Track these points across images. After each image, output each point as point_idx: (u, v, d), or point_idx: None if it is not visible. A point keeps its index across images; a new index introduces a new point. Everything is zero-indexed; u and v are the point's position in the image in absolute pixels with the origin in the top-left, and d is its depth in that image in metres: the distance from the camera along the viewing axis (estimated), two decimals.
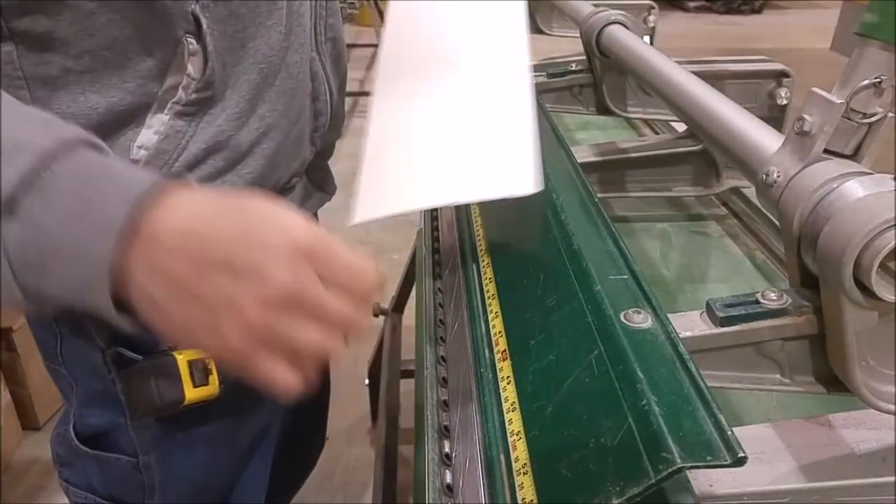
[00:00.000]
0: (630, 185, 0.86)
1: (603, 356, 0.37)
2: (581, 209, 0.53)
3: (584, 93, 0.98)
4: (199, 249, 0.33)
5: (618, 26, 0.87)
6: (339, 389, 1.77)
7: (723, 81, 0.79)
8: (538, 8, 1.33)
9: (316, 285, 0.34)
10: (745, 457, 0.29)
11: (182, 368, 0.54)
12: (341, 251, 0.36)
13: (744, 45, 5.18)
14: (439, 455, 0.41)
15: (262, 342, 0.34)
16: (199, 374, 0.55)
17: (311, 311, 0.34)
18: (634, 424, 0.32)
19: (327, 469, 1.54)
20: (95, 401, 0.61)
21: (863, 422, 0.44)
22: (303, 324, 0.34)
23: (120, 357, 0.56)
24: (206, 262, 0.33)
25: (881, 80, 0.41)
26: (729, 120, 0.54)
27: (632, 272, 0.44)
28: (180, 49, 0.49)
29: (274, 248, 0.33)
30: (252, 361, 0.34)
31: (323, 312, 0.34)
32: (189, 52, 0.49)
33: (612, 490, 0.30)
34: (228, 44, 0.51)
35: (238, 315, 0.33)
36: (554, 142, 0.67)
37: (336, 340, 0.35)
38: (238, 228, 0.34)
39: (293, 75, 0.58)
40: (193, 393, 0.54)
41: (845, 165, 0.42)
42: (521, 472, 0.35)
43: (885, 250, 0.35)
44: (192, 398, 0.54)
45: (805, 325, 0.42)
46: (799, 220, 0.42)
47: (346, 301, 0.35)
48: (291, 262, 0.33)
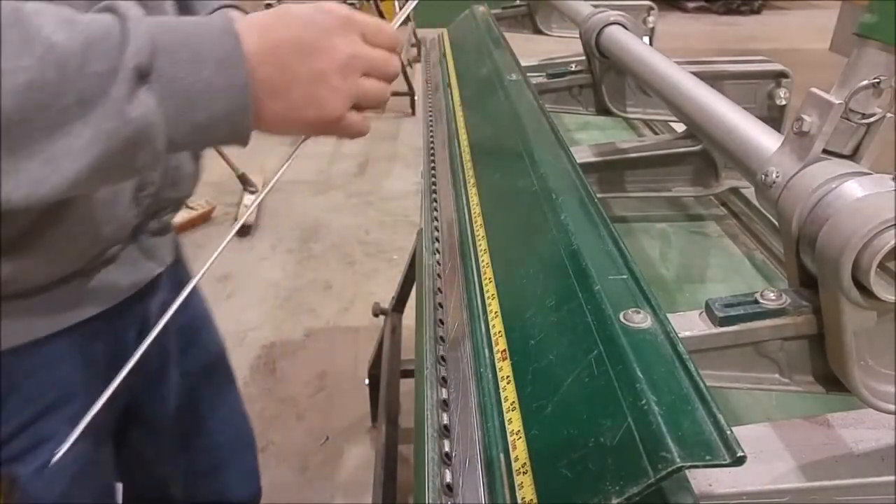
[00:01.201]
0: (629, 185, 0.86)
1: (602, 356, 0.37)
2: (580, 209, 0.53)
3: (583, 93, 0.98)
4: (282, 53, 0.44)
5: (617, 27, 0.87)
6: (338, 390, 1.77)
7: (722, 82, 0.79)
8: (538, 9, 1.34)
9: (363, 46, 0.46)
10: (744, 456, 0.29)
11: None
12: (369, 18, 0.47)
13: (743, 46, 5.18)
14: (439, 454, 0.41)
15: (347, 100, 0.46)
16: None
17: (368, 64, 0.47)
18: (634, 424, 0.32)
19: (327, 469, 1.54)
20: None
21: (861, 421, 0.44)
22: (365, 78, 0.47)
23: None
24: (291, 57, 0.44)
25: (880, 81, 0.41)
26: (728, 120, 0.54)
27: (631, 272, 0.44)
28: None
29: (327, 28, 0.45)
30: (345, 119, 0.47)
31: (374, 63, 0.47)
32: None
33: (611, 489, 0.30)
34: None
35: (327, 83, 0.45)
36: (553, 142, 0.67)
37: (387, 87, 0.49)
38: (296, 25, 0.44)
39: None
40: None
41: (844, 166, 0.42)
42: (521, 472, 0.35)
43: (884, 250, 0.35)
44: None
45: (804, 325, 0.42)
46: (798, 220, 0.42)
47: (384, 52, 0.48)
48: (343, 33, 0.45)
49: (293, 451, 1.59)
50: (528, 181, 0.60)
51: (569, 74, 0.98)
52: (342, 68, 0.45)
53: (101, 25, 0.39)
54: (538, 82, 0.96)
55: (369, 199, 2.84)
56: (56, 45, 0.36)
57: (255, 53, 0.42)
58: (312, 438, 1.63)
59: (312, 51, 0.44)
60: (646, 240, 0.87)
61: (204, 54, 0.41)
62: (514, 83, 0.85)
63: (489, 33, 1.13)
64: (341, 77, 0.45)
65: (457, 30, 1.29)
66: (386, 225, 2.66)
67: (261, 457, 0.94)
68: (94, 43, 0.38)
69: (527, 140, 0.67)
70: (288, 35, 0.44)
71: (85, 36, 0.37)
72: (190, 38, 0.41)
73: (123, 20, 0.39)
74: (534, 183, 0.59)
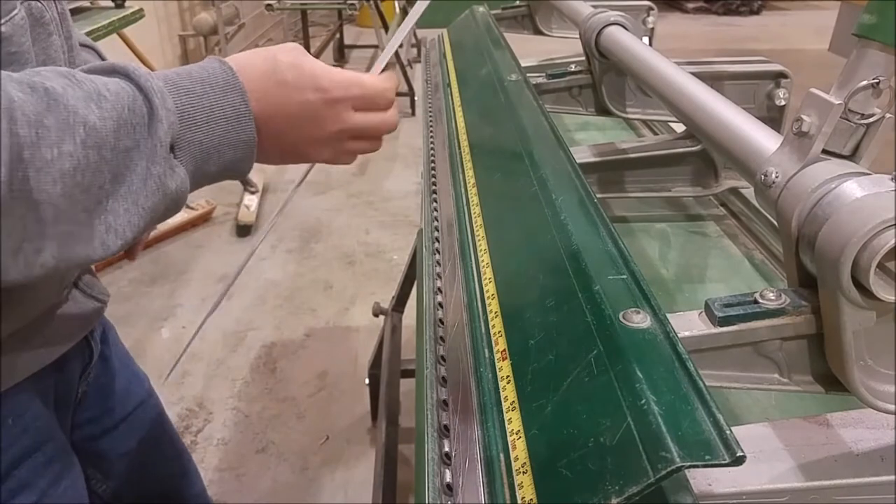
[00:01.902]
0: (629, 185, 0.86)
1: (602, 356, 0.37)
2: (580, 209, 0.53)
3: (583, 94, 0.98)
4: (277, 123, 0.48)
5: (617, 27, 0.87)
6: (338, 389, 1.77)
7: (721, 82, 0.80)
8: (537, 9, 1.34)
9: (354, 116, 0.51)
10: (743, 456, 0.29)
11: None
12: (359, 89, 0.51)
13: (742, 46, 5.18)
14: (439, 454, 0.41)
15: (337, 158, 0.54)
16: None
17: (358, 133, 0.52)
18: (633, 424, 0.32)
19: (327, 469, 1.55)
20: None
21: (861, 421, 0.44)
22: (355, 141, 0.53)
23: None
24: (285, 127, 0.49)
25: (879, 81, 0.41)
26: (727, 120, 0.54)
27: (631, 272, 0.44)
28: None
29: (318, 111, 0.50)
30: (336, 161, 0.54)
31: (365, 130, 0.52)
32: None
33: (611, 489, 0.30)
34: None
35: (317, 150, 0.52)
36: (553, 142, 0.67)
37: (378, 142, 0.55)
38: (291, 103, 0.49)
39: None
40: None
41: (843, 166, 0.42)
42: (521, 472, 0.35)
43: (884, 250, 0.35)
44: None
45: (803, 325, 0.42)
46: (797, 220, 0.42)
47: (377, 116, 0.53)
48: (334, 113, 0.50)
49: (293, 451, 1.59)
50: (527, 181, 0.60)
51: (568, 75, 0.98)
52: (331, 140, 0.51)
53: (125, 100, 0.40)
54: (538, 83, 0.96)
55: (369, 200, 2.84)
56: (93, 127, 0.37)
57: (254, 113, 0.47)
58: (312, 438, 1.63)
59: (304, 125, 0.50)
60: (645, 240, 0.87)
61: (216, 113, 0.45)
62: (513, 83, 0.85)
63: (489, 34, 1.13)
64: (330, 147, 0.52)
65: (457, 30, 1.29)
66: (386, 225, 2.66)
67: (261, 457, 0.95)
68: (124, 121, 0.40)
69: (526, 140, 0.67)
70: (282, 112, 0.49)
71: (116, 113, 0.39)
72: (203, 100, 0.44)
73: (147, 93, 0.41)
74: (533, 183, 0.59)
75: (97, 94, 0.38)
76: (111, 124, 0.38)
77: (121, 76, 0.42)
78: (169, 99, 0.42)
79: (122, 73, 0.42)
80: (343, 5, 3.37)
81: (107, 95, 0.39)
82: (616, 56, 0.83)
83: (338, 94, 0.50)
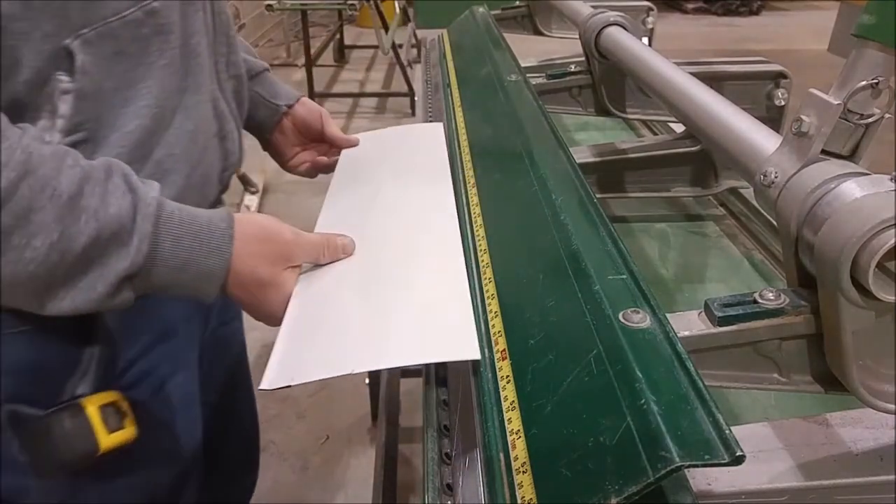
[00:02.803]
0: (629, 185, 0.86)
1: (602, 355, 0.37)
2: (580, 209, 0.53)
3: (582, 94, 0.98)
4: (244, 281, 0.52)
5: (616, 28, 0.87)
6: (339, 389, 1.77)
7: (721, 83, 0.80)
8: (537, 10, 1.34)
9: None
10: (742, 455, 0.29)
11: (92, 415, 0.49)
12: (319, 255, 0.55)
13: (742, 47, 5.18)
14: (439, 454, 0.41)
15: None
16: (113, 418, 0.50)
17: None
18: (633, 423, 0.32)
19: (327, 468, 1.55)
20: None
21: (860, 421, 0.45)
22: None
23: (16, 415, 0.52)
24: (255, 283, 0.52)
25: (878, 82, 0.41)
26: (727, 121, 0.54)
27: (630, 272, 0.44)
28: (50, 87, 0.45)
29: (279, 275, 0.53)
30: None
31: None
32: (61, 90, 0.45)
33: (610, 489, 0.30)
34: (115, 84, 0.48)
35: (274, 313, 0.53)
36: (553, 142, 0.67)
37: None
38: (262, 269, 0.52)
39: (191, 116, 0.55)
40: (108, 439, 0.49)
41: (843, 166, 0.42)
42: (521, 471, 0.35)
43: (883, 250, 0.36)
44: (107, 445, 0.49)
45: (802, 325, 0.42)
46: (797, 220, 0.42)
47: None
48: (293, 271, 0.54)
49: (294, 451, 1.59)
50: (527, 181, 0.60)
51: (568, 75, 0.98)
52: None
53: (111, 226, 0.45)
54: (538, 83, 0.97)
55: None
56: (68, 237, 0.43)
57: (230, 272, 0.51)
58: (313, 438, 1.63)
59: (265, 289, 0.53)
60: (645, 240, 0.87)
61: (191, 269, 0.48)
62: (513, 84, 0.85)
63: (489, 34, 1.14)
64: None
65: (457, 31, 1.29)
66: None
67: (261, 456, 0.95)
68: (100, 241, 0.44)
69: (526, 140, 0.68)
70: (253, 278, 0.52)
71: (96, 233, 0.44)
72: (187, 252, 0.48)
73: (134, 232, 0.46)
74: (533, 183, 0.59)
75: (95, 211, 0.44)
76: (85, 240, 0.43)
77: (131, 203, 0.46)
78: (146, 244, 0.46)
79: (137, 200, 0.46)
80: (343, 6, 3.37)
81: (98, 214, 0.44)
82: (616, 56, 0.83)
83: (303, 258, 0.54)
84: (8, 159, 0.40)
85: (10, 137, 0.41)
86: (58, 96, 0.45)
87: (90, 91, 0.46)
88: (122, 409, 0.51)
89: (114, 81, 0.48)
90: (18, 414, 0.52)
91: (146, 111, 0.50)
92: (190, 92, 0.55)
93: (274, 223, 0.53)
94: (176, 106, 0.53)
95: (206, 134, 0.59)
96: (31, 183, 0.41)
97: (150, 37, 0.48)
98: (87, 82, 0.46)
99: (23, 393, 0.52)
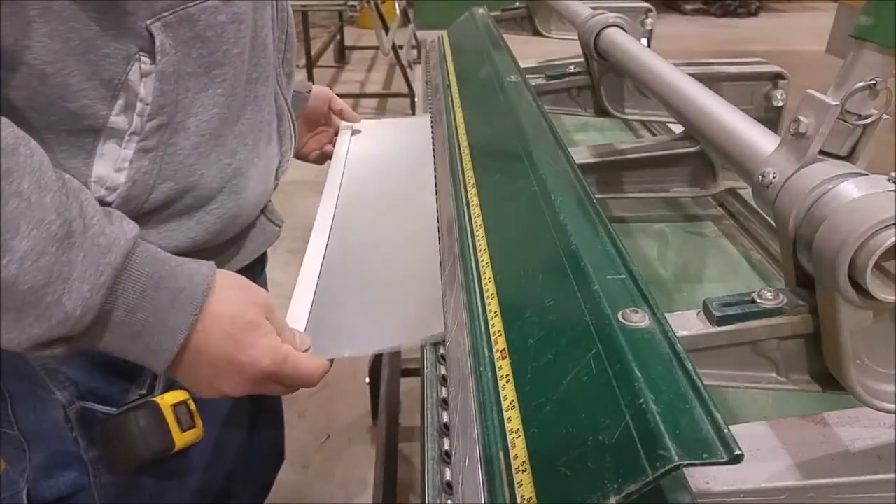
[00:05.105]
0: (627, 185, 0.86)
1: (601, 355, 0.37)
2: (579, 210, 0.53)
3: (582, 95, 0.98)
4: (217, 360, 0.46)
5: (615, 29, 0.88)
6: (339, 388, 1.78)
7: (719, 83, 0.80)
8: (537, 11, 1.34)
9: (269, 387, 0.49)
10: (741, 454, 0.29)
11: (167, 413, 0.51)
12: (291, 370, 0.48)
13: (740, 48, 5.18)
14: (439, 453, 0.42)
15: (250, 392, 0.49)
16: (185, 416, 0.52)
17: (270, 389, 0.49)
18: (632, 422, 0.32)
19: (327, 467, 1.55)
20: (55, 464, 0.56)
21: (858, 420, 0.45)
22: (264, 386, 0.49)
23: (87, 413, 0.53)
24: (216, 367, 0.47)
25: (876, 82, 0.41)
26: (725, 121, 0.55)
27: (629, 272, 0.44)
28: (132, 68, 0.46)
29: (244, 373, 0.47)
30: None
31: (277, 390, 0.50)
32: (142, 72, 0.46)
33: (609, 488, 0.30)
34: (193, 68, 0.48)
35: (229, 390, 0.48)
36: (552, 143, 0.67)
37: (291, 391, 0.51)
38: (229, 356, 0.46)
39: (261, 108, 0.56)
40: (182, 438, 0.51)
41: (840, 166, 0.42)
42: (520, 470, 0.35)
43: (880, 250, 0.36)
44: (181, 444, 0.51)
45: (801, 325, 0.42)
46: (795, 220, 0.42)
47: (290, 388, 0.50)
48: (255, 382, 0.48)
49: (294, 450, 1.59)
50: (527, 182, 0.60)
51: (568, 76, 0.99)
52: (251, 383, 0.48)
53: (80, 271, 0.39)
54: (537, 84, 0.97)
55: None
56: (20, 258, 0.37)
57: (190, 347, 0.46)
58: (313, 437, 1.63)
59: (226, 376, 0.47)
60: (644, 240, 0.87)
61: (148, 329, 0.43)
62: (513, 85, 0.85)
63: (489, 35, 1.14)
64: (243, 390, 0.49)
65: (456, 32, 1.29)
66: None
67: None
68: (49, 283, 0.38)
69: (526, 141, 0.68)
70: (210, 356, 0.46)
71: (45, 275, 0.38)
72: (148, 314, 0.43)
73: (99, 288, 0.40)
74: (533, 183, 0.59)
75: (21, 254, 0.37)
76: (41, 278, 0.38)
77: (122, 248, 0.42)
78: (90, 316, 0.40)
79: (126, 249, 0.42)
80: (343, 7, 3.37)
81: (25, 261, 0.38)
82: (615, 57, 0.83)
83: (270, 368, 0.47)
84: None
85: None
86: (139, 78, 0.46)
87: (170, 73, 0.47)
88: (191, 408, 0.53)
89: (191, 66, 0.48)
90: (89, 412, 0.52)
91: (222, 99, 0.51)
92: (259, 83, 0.55)
93: None
94: (247, 96, 0.54)
95: (270, 126, 0.60)
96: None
97: (226, 24, 0.49)
98: (166, 64, 0.46)
99: (93, 391, 0.52)
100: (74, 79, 0.44)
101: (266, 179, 0.61)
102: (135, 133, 0.47)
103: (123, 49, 0.45)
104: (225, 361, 0.46)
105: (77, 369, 0.52)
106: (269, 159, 0.60)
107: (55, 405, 0.53)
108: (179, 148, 0.49)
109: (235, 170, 0.54)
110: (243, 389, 0.48)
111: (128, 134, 0.47)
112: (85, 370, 0.52)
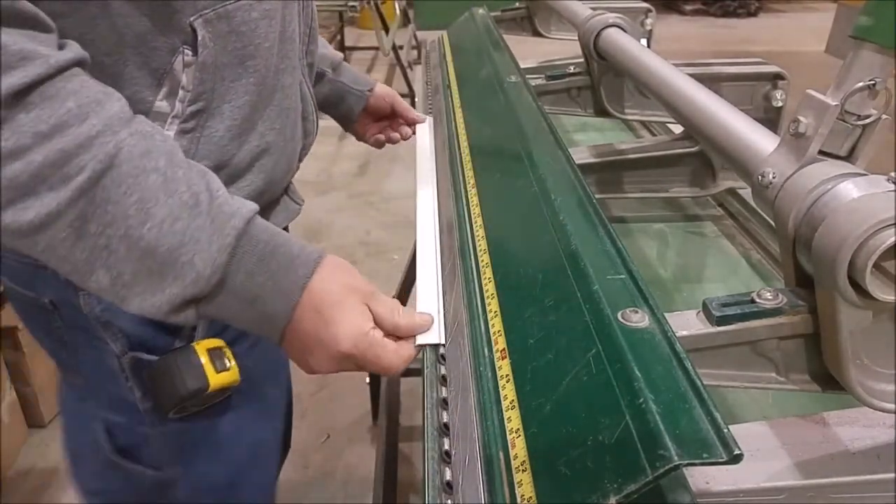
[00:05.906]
0: (627, 186, 0.86)
1: (601, 355, 0.37)
2: (579, 210, 0.53)
3: (581, 95, 0.98)
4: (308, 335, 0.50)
5: (615, 29, 0.88)
6: (340, 388, 1.78)
7: (719, 84, 0.80)
8: (537, 11, 1.34)
9: (353, 367, 0.51)
10: (741, 454, 0.30)
11: (202, 355, 0.55)
12: (372, 356, 0.49)
13: (739, 48, 5.18)
14: (439, 453, 0.42)
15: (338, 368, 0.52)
16: (219, 360, 0.56)
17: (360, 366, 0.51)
18: (632, 422, 0.32)
19: (328, 467, 1.55)
20: (114, 406, 0.62)
21: (857, 420, 0.45)
22: None
23: (137, 361, 0.58)
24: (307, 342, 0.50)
25: (875, 83, 0.41)
26: (725, 122, 0.55)
27: (629, 272, 0.44)
28: (176, 59, 0.51)
29: (326, 350, 0.49)
30: None
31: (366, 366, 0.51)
32: (184, 63, 0.51)
33: (609, 487, 0.30)
34: (228, 59, 0.53)
35: (317, 366, 0.51)
36: (552, 143, 0.67)
37: None
38: (315, 332, 0.49)
39: (288, 95, 0.61)
40: (217, 379, 0.55)
41: (840, 167, 0.42)
42: (520, 470, 0.35)
43: (880, 250, 0.36)
44: (216, 384, 0.55)
45: (800, 325, 0.42)
46: (794, 220, 0.42)
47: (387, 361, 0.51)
48: (336, 361, 0.50)
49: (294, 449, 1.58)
50: (527, 182, 0.60)
51: (567, 76, 0.99)
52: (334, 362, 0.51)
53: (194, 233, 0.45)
54: (537, 84, 0.97)
55: (370, 200, 2.84)
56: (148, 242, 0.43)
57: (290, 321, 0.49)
58: (314, 436, 1.63)
59: (316, 351, 0.50)
60: (643, 240, 0.87)
61: (258, 304, 0.47)
62: (513, 85, 0.85)
63: (489, 35, 1.14)
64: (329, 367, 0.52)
65: (456, 32, 1.29)
66: (387, 225, 2.66)
67: None
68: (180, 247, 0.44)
69: (526, 141, 0.68)
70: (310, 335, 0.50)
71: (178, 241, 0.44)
72: (257, 289, 0.47)
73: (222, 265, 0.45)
74: (533, 184, 0.59)
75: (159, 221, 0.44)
76: (144, 245, 0.43)
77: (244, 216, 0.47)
78: (217, 276, 0.45)
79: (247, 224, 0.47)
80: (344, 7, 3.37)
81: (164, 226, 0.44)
82: (614, 58, 0.83)
83: (350, 350, 0.50)
84: (98, 151, 0.42)
85: (108, 130, 0.42)
86: (182, 69, 0.51)
87: (209, 64, 0.52)
88: (226, 353, 0.57)
89: (227, 57, 0.53)
90: (140, 361, 0.58)
91: (253, 88, 0.56)
92: (287, 73, 0.60)
93: None
94: (275, 84, 0.59)
95: (296, 112, 0.65)
96: (114, 176, 0.42)
97: (258, 20, 0.54)
98: (206, 56, 0.51)
99: (142, 342, 0.58)
100: (127, 69, 0.50)
101: (290, 160, 0.66)
102: (176, 116, 0.52)
103: (170, 42, 0.50)
104: (314, 338, 0.49)
105: (128, 322, 0.57)
106: (294, 142, 0.65)
107: (110, 354, 0.58)
108: (214, 130, 0.54)
109: (263, 150, 0.59)
110: (328, 367, 0.50)
111: (170, 117, 0.52)
112: (135, 323, 0.57)
